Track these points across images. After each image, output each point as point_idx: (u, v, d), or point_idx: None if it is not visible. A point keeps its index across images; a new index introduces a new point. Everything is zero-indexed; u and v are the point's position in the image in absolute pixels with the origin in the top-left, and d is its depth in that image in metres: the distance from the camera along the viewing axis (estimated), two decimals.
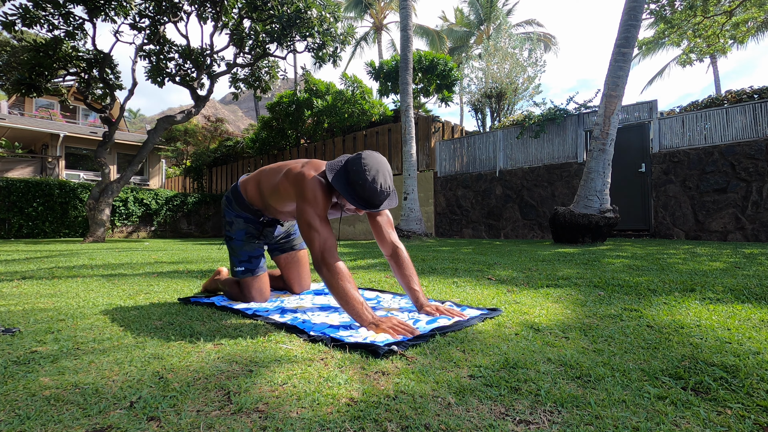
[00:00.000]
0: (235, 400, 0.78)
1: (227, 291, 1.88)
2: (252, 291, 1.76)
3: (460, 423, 0.70)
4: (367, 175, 1.34)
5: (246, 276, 1.76)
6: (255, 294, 1.76)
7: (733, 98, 6.12)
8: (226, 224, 1.82)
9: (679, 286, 1.96)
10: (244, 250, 1.76)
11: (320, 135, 11.46)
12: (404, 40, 7.49)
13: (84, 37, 8.72)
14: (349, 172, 1.37)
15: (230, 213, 1.79)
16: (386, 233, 1.59)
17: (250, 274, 1.76)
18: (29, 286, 2.31)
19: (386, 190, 1.38)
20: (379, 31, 25.43)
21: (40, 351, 1.10)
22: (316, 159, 1.81)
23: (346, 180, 1.37)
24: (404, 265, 1.56)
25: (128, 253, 4.87)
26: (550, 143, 7.48)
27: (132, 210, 11.90)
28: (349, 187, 1.36)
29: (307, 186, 1.43)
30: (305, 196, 1.42)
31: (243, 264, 1.76)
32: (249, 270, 1.76)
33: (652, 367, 0.93)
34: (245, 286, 1.77)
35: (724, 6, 8.91)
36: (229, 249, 1.80)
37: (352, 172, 1.36)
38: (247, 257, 1.76)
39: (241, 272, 1.76)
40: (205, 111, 29.47)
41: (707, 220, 5.78)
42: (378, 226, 1.59)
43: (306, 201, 1.41)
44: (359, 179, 1.34)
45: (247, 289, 1.76)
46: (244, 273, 1.76)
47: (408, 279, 1.55)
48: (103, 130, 11.59)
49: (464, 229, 8.43)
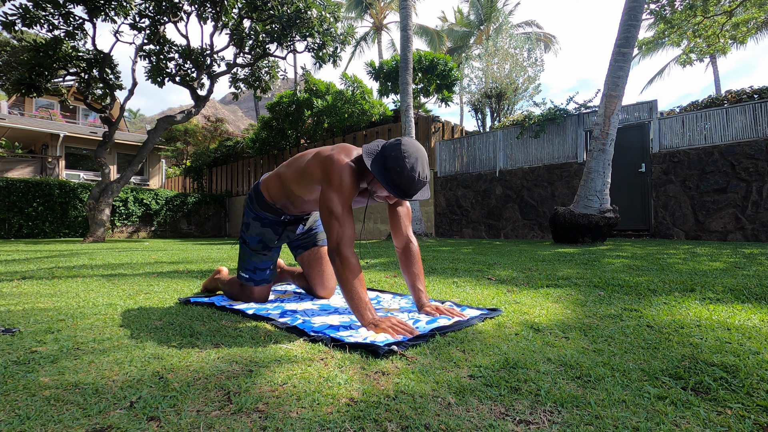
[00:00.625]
0: (235, 400, 0.78)
1: (228, 290, 1.88)
2: (254, 294, 1.77)
3: (460, 423, 0.70)
4: (406, 162, 1.29)
5: (249, 284, 1.77)
6: (256, 297, 1.78)
7: (733, 98, 6.13)
8: (243, 224, 1.80)
9: (679, 286, 1.96)
10: (252, 261, 1.75)
11: (320, 135, 11.46)
12: (404, 40, 7.49)
13: (84, 37, 8.72)
14: (387, 157, 1.31)
15: (249, 213, 1.75)
16: (403, 225, 1.56)
17: (252, 284, 1.76)
18: (29, 286, 2.31)
19: (423, 180, 1.33)
20: (379, 31, 25.43)
21: (40, 351, 1.10)
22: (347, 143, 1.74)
23: (382, 165, 1.31)
24: (413, 261, 1.54)
25: (128, 253, 4.87)
26: (550, 143, 7.48)
27: (132, 210, 11.90)
28: (385, 173, 1.30)
29: (335, 170, 1.36)
30: (331, 180, 1.36)
31: (248, 272, 1.76)
32: (252, 280, 1.76)
33: (652, 367, 0.93)
34: (247, 291, 1.78)
35: (724, 6, 8.91)
36: (240, 251, 1.79)
37: (390, 158, 1.30)
38: (252, 268, 1.75)
39: (245, 279, 1.77)
40: (205, 111, 29.46)
41: (707, 220, 5.78)
42: (397, 216, 1.56)
43: (331, 186, 1.36)
44: (397, 166, 1.29)
45: (248, 294, 1.78)
46: (248, 281, 1.77)
47: (414, 277, 1.54)
48: (103, 130, 11.59)
49: (464, 229, 8.43)
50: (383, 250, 4.87)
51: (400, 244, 1.57)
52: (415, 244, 1.58)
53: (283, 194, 1.64)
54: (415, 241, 1.58)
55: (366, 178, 1.43)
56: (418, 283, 1.53)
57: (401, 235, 1.57)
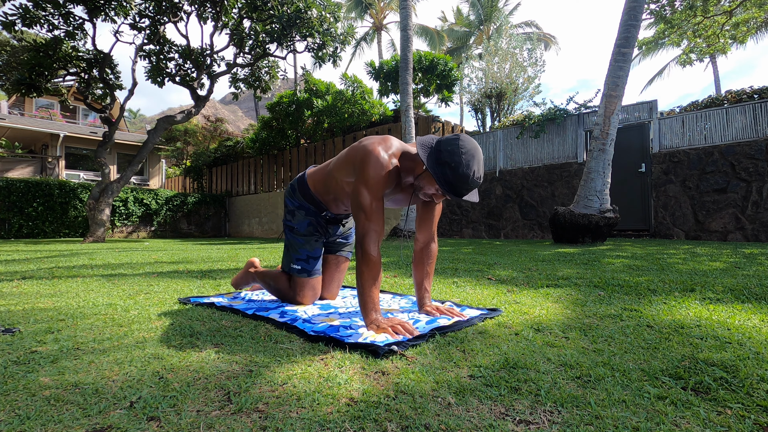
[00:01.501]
0: (235, 400, 0.78)
1: (273, 286, 1.76)
2: (305, 289, 1.67)
3: (460, 423, 0.70)
4: (462, 158, 1.22)
5: (302, 276, 1.67)
6: (308, 292, 1.67)
7: (733, 98, 6.13)
8: (287, 213, 1.72)
9: (679, 286, 1.96)
10: (304, 248, 1.66)
11: (320, 135, 11.46)
12: (404, 40, 7.49)
13: (84, 37, 8.72)
14: (442, 152, 1.24)
15: (293, 202, 1.69)
16: (433, 223, 1.55)
17: (306, 275, 1.66)
18: (29, 286, 2.31)
19: (477, 180, 1.26)
20: (379, 31, 25.43)
21: (40, 351, 1.10)
22: (393, 136, 1.64)
23: (436, 159, 1.25)
24: (429, 261, 1.53)
25: (128, 253, 4.87)
26: (550, 143, 7.48)
27: (132, 210, 11.91)
28: (438, 167, 1.24)
29: (371, 163, 1.31)
30: (365, 174, 1.31)
31: (300, 263, 1.66)
32: (305, 270, 1.67)
33: (652, 367, 0.93)
34: (299, 283, 1.67)
35: (724, 6, 8.91)
36: (288, 243, 1.69)
37: (446, 153, 1.24)
38: (305, 256, 1.66)
39: (297, 270, 1.67)
40: (205, 111, 29.45)
41: (707, 220, 5.78)
42: (431, 213, 1.53)
43: (364, 180, 1.31)
44: (452, 161, 1.22)
45: (300, 287, 1.67)
46: (300, 273, 1.66)
47: (425, 275, 1.53)
48: (103, 130, 11.59)
49: (464, 229, 8.44)
50: (384, 250, 4.87)
51: (424, 240, 1.54)
52: (436, 244, 1.57)
53: (327, 187, 1.59)
54: (436, 241, 1.57)
55: (413, 172, 1.37)
56: (426, 282, 1.52)
57: (428, 233, 1.54)
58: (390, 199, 1.49)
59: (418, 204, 1.56)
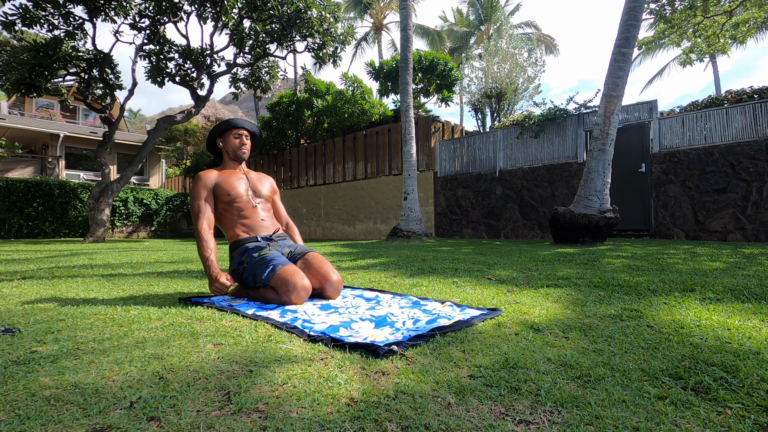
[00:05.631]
0: (235, 400, 0.78)
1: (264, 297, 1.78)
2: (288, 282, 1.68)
3: (460, 423, 0.70)
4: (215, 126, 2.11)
5: (275, 272, 1.71)
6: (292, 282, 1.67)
7: (733, 98, 6.12)
8: (236, 265, 1.91)
9: (679, 286, 1.96)
10: (262, 259, 1.80)
11: (320, 135, 11.46)
12: (404, 40, 7.49)
13: (84, 37, 8.72)
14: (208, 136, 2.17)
15: (234, 259, 1.94)
16: (280, 213, 2.20)
17: (279, 268, 1.73)
18: (29, 286, 2.31)
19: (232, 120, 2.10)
20: (379, 31, 25.43)
21: (40, 351, 1.10)
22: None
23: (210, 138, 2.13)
24: (292, 233, 2.18)
25: (128, 253, 4.87)
26: (550, 143, 7.48)
27: (132, 210, 11.90)
28: (210, 136, 2.11)
29: (193, 187, 2.00)
30: (191, 193, 2.00)
31: (264, 269, 1.75)
32: (273, 269, 1.73)
33: (652, 367, 0.93)
34: (279, 282, 1.69)
35: (724, 6, 8.91)
36: (251, 273, 1.81)
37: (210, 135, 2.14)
38: (266, 262, 1.77)
39: (269, 273, 1.73)
40: (205, 111, 29.45)
41: (707, 220, 5.78)
42: (276, 205, 2.19)
43: (191, 196, 1.99)
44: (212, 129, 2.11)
45: (282, 284, 1.69)
46: (272, 272, 1.72)
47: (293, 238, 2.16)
48: (103, 130, 11.59)
49: (464, 229, 8.44)
50: (383, 250, 4.87)
51: (282, 225, 2.18)
52: (292, 222, 2.25)
53: (228, 228, 2.00)
54: (291, 221, 2.25)
55: (226, 157, 2.11)
56: (296, 238, 2.17)
57: (282, 219, 2.20)
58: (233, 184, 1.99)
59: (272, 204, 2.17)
